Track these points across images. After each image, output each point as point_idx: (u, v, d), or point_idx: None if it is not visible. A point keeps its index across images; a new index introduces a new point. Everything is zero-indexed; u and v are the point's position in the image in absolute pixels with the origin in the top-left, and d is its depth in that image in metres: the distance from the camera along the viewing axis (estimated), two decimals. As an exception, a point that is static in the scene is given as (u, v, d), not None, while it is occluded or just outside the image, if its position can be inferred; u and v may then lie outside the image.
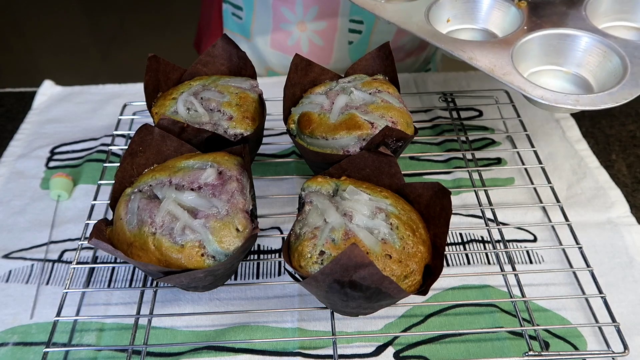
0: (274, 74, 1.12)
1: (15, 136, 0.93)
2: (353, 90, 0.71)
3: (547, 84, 0.70)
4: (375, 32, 1.03)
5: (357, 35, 1.03)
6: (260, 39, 1.07)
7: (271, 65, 1.11)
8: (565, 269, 0.69)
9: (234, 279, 0.71)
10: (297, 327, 0.66)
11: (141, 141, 0.66)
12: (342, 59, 1.07)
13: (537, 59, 0.75)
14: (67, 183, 0.81)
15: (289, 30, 1.03)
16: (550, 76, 0.75)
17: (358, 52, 1.05)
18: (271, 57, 1.09)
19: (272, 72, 1.12)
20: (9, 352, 0.64)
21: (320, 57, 1.06)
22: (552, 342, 0.64)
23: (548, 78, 0.75)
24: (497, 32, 0.81)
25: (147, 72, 0.73)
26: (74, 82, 1.05)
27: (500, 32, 0.80)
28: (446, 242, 0.59)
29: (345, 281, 0.50)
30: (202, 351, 0.63)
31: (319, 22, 1.01)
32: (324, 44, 1.04)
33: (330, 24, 1.02)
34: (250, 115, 0.71)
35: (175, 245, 0.56)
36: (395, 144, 0.67)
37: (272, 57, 1.09)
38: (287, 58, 1.07)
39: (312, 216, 0.58)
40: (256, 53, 1.09)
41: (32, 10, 3.22)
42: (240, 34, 1.09)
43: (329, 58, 1.06)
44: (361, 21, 1.01)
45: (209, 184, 0.60)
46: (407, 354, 0.63)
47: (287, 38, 1.05)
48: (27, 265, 0.73)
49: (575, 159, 0.88)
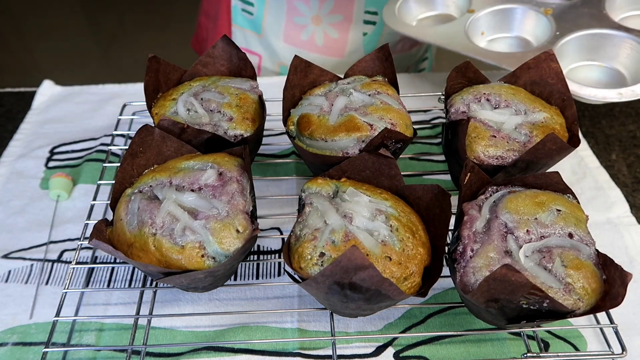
0: (285, 68, 1.11)
1: (15, 136, 0.93)
2: (352, 92, 0.71)
3: (585, 77, 0.82)
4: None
5: (372, 27, 1.03)
6: (273, 34, 1.07)
7: (283, 60, 1.10)
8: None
9: (234, 280, 0.71)
10: (297, 328, 0.66)
11: (141, 142, 0.66)
12: (356, 50, 1.07)
13: (573, 56, 0.86)
14: (66, 183, 0.81)
15: (303, 24, 1.04)
16: (586, 70, 0.85)
17: (372, 42, 1.06)
18: (284, 52, 1.09)
19: (284, 67, 1.11)
20: (9, 352, 0.64)
21: (334, 49, 1.06)
22: (552, 342, 0.64)
23: (585, 72, 0.85)
24: (530, 38, 0.91)
25: (147, 72, 0.73)
26: (73, 82, 1.05)
27: (533, 38, 0.91)
28: (446, 243, 0.59)
29: (345, 283, 0.50)
30: (201, 351, 0.63)
31: (334, 15, 1.02)
32: (338, 36, 1.04)
33: (346, 16, 1.02)
34: (250, 116, 0.71)
35: (176, 246, 0.56)
36: (394, 145, 0.67)
37: (285, 52, 1.09)
38: (300, 52, 1.07)
39: (312, 218, 0.58)
40: (268, 49, 1.09)
41: (32, 10, 3.22)
42: (251, 29, 1.09)
43: (343, 50, 1.06)
44: (376, 12, 1.02)
45: (209, 185, 0.60)
46: (407, 354, 0.63)
47: (300, 32, 1.05)
48: (26, 265, 0.73)
49: (575, 159, 0.88)
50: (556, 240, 0.56)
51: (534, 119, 0.69)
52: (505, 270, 0.47)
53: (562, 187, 0.62)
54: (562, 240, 0.56)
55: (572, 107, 0.71)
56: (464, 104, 0.72)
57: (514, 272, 0.47)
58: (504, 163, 0.66)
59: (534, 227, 0.57)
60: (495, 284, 0.49)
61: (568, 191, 0.62)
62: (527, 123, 0.69)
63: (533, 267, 0.54)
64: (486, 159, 0.66)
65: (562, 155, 0.66)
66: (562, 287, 0.53)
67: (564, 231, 0.57)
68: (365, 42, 1.05)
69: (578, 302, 0.52)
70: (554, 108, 0.72)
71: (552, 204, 0.59)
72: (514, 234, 0.57)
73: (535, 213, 0.58)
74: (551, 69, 0.74)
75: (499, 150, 0.66)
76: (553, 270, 0.54)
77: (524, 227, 0.57)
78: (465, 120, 0.65)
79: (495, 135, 0.67)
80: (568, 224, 0.57)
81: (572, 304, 0.52)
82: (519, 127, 0.68)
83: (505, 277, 0.48)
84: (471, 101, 0.72)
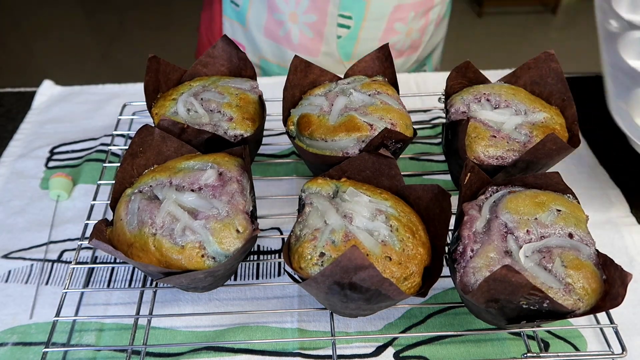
0: (266, 62, 1.14)
1: (15, 136, 0.93)
2: (352, 92, 0.71)
3: None
4: (364, 28, 1.04)
5: (346, 30, 1.04)
6: (255, 27, 1.09)
7: (264, 54, 1.13)
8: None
9: (234, 280, 0.71)
10: (297, 328, 0.66)
11: (141, 142, 0.66)
12: (330, 52, 1.08)
13: None
14: (66, 183, 0.81)
15: (281, 20, 1.06)
16: None
17: (347, 46, 1.07)
18: (265, 46, 1.11)
19: (264, 60, 1.14)
20: (8, 352, 0.64)
21: (309, 49, 1.08)
22: (552, 342, 0.64)
23: None
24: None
25: (147, 72, 0.73)
26: (73, 82, 1.05)
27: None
28: (446, 243, 0.59)
29: (345, 283, 0.50)
30: (201, 351, 0.63)
31: (309, 14, 1.03)
32: (313, 36, 1.06)
33: (320, 17, 1.03)
34: (250, 116, 0.71)
35: (176, 246, 0.56)
36: (394, 145, 0.67)
37: (265, 46, 1.11)
38: (278, 47, 1.09)
39: (312, 218, 0.58)
40: (251, 41, 1.12)
41: (32, 10, 3.22)
42: (238, 21, 1.12)
43: (318, 51, 1.08)
44: (350, 17, 1.02)
45: (209, 185, 0.60)
46: (407, 354, 0.63)
47: (279, 28, 1.07)
48: (26, 265, 0.73)
49: (575, 159, 0.88)
50: (556, 241, 0.56)
51: (534, 119, 0.69)
52: (506, 270, 0.47)
53: (562, 187, 0.62)
54: (562, 240, 0.56)
55: (572, 107, 0.71)
56: (464, 104, 0.72)
57: (514, 272, 0.47)
58: (504, 163, 0.66)
59: (534, 227, 0.57)
60: (495, 284, 0.49)
61: (568, 191, 0.62)
62: (527, 123, 0.69)
63: (533, 267, 0.54)
64: (486, 159, 0.66)
65: (562, 155, 0.66)
66: (562, 287, 0.53)
67: (564, 231, 0.57)
68: (340, 46, 1.07)
69: (578, 302, 0.52)
70: (554, 108, 0.72)
71: (552, 204, 0.59)
72: (514, 234, 0.57)
73: (535, 213, 0.58)
74: (551, 69, 0.74)
75: (499, 150, 0.66)
76: (553, 271, 0.54)
77: (524, 227, 0.57)
78: (465, 120, 0.65)
79: (495, 136, 0.67)
80: (568, 224, 0.57)
81: (572, 304, 0.52)
82: (519, 127, 0.68)
83: (506, 277, 0.48)
84: (471, 101, 0.72)
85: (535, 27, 3.22)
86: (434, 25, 1.14)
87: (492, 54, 2.93)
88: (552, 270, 0.54)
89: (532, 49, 2.94)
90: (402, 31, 1.06)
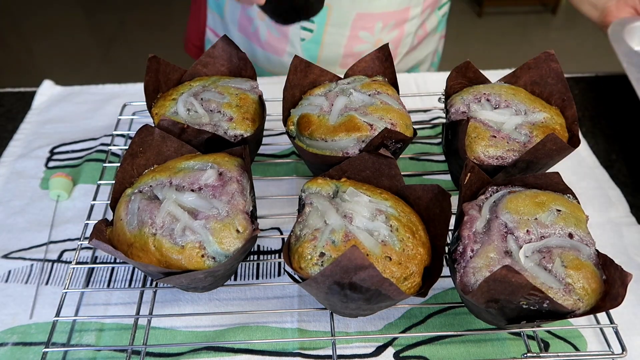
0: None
1: (15, 136, 0.93)
2: (352, 92, 0.71)
3: None
4: (328, 33, 1.04)
5: (309, 34, 1.05)
6: (231, 21, 1.11)
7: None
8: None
9: (234, 280, 0.71)
10: (297, 328, 0.66)
11: (141, 142, 0.66)
12: (295, 53, 1.08)
13: None
14: (66, 183, 0.81)
15: (251, 17, 1.07)
16: None
17: (311, 49, 1.07)
18: (238, 40, 1.12)
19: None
20: (8, 352, 0.64)
21: (276, 48, 1.09)
22: (552, 342, 0.64)
23: None
24: None
25: (147, 72, 0.73)
26: (73, 82, 1.05)
27: None
28: (446, 243, 0.59)
29: (345, 283, 0.50)
30: (201, 351, 0.63)
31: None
32: (279, 36, 1.07)
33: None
34: (250, 116, 0.71)
35: (176, 246, 0.56)
36: (394, 145, 0.67)
37: (239, 40, 1.12)
38: (249, 43, 1.11)
39: (312, 218, 0.58)
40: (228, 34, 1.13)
41: (32, 10, 3.22)
42: (218, 14, 1.14)
43: (284, 51, 1.09)
44: (312, 20, 1.03)
45: (210, 185, 0.60)
46: (407, 354, 0.63)
47: (250, 24, 1.08)
48: (26, 265, 0.73)
49: (575, 159, 0.88)
50: (556, 241, 0.56)
51: (534, 119, 0.69)
52: (506, 271, 0.47)
53: (562, 187, 0.62)
54: (562, 240, 0.56)
55: (572, 107, 0.71)
56: (464, 104, 0.72)
57: (514, 273, 0.47)
58: (504, 163, 0.66)
59: (534, 227, 0.57)
60: (495, 284, 0.49)
61: (568, 191, 0.62)
62: (527, 123, 0.69)
63: (533, 267, 0.54)
64: (486, 159, 0.66)
65: (562, 156, 0.66)
66: (562, 287, 0.53)
67: (564, 231, 0.57)
68: (305, 48, 1.07)
69: (578, 303, 0.52)
70: (554, 108, 0.72)
71: (552, 204, 0.59)
72: (514, 234, 0.57)
73: (535, 213, 0.58)
74: (551, 69, 0.74)
75: (499, 150, 0.66)
76: (553, 271, 0.54)
77: (524, 227, 0.57)
78: (465, 120, 0.65)
79: (495, 136, 0.67)
80: (568, 224, 0.57)
81: (572, 304, 0.52)
82: (519, 127, 0.68)
83: (506, 278, 0.48)
84: (471, 101, 0.72)
85: (535, 27, 3.22)
86: (412, 38, 1.11)
87: (492, 54, 2.93)
88: (552, 270, 0.54)
89: (532, 49, 2.95)
90: (369, 40, 1.05)
